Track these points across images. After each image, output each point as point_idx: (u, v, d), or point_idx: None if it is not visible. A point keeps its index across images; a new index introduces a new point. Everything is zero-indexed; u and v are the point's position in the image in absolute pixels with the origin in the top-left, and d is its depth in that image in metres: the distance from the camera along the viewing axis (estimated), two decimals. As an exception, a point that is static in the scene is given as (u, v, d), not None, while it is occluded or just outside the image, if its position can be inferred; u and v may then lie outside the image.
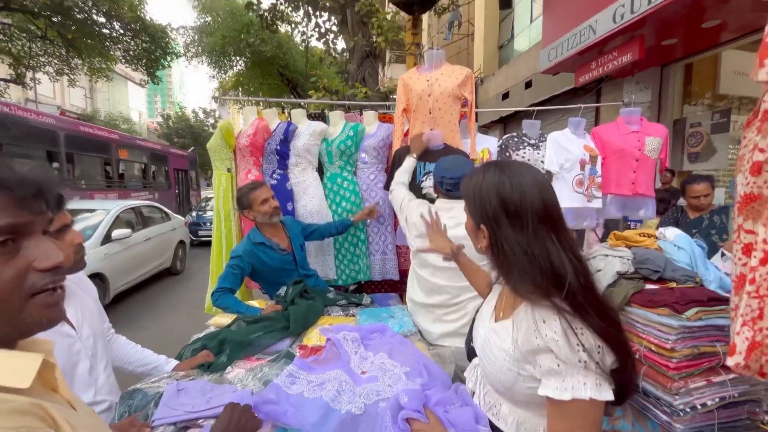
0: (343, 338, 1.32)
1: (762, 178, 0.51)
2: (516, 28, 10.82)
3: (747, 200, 0.52)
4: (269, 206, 1.97)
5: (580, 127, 2.45)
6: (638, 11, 4.77)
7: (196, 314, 4.59)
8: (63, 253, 0.52)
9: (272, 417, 1.01)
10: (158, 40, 13.10)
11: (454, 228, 1.52)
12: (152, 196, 10.63)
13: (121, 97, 30.84)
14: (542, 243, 0.79)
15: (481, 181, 0.86)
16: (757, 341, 0.49)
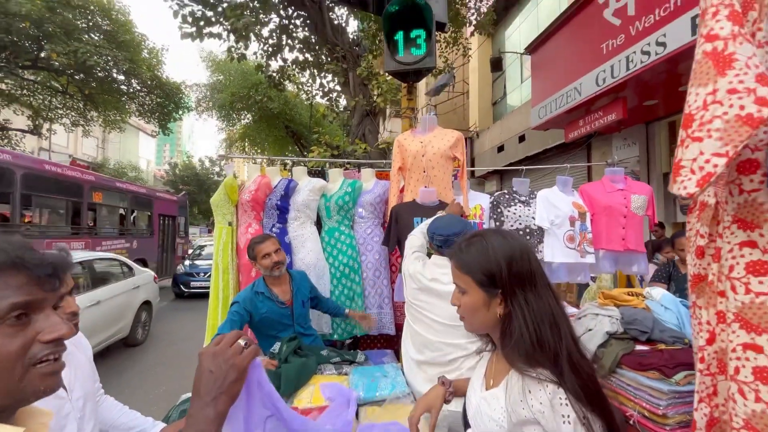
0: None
1: (705, 261, 0.57)
2: (508, 87, 11.56)
3: (696, 280, 0.58)
4: (270, 261, 2.02)
5: (568, 185, 2.57)
6: (618, 76, 5.16)
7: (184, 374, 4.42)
8: (66, 326, 0.56)
9: None
10: (172, 95, 13.95)
11: (448, 284, 1.56)
12: (129, 244, 9.65)
13: (132, 147, 32.06)
14: (548, 307, 0.80)
15: (488, 246, 0.85)
16: (714, 417, 0.52)
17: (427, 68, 2.64)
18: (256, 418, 0.82)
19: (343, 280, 2.58)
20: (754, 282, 0.47)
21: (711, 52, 0.47)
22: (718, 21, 0.50)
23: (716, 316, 0.52)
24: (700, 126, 0.47)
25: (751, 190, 0.50)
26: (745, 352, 0.46)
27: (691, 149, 0.47)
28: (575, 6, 6.14)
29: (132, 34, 12.36)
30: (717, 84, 0.45)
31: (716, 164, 0.45)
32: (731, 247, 0.50)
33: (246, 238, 2.57)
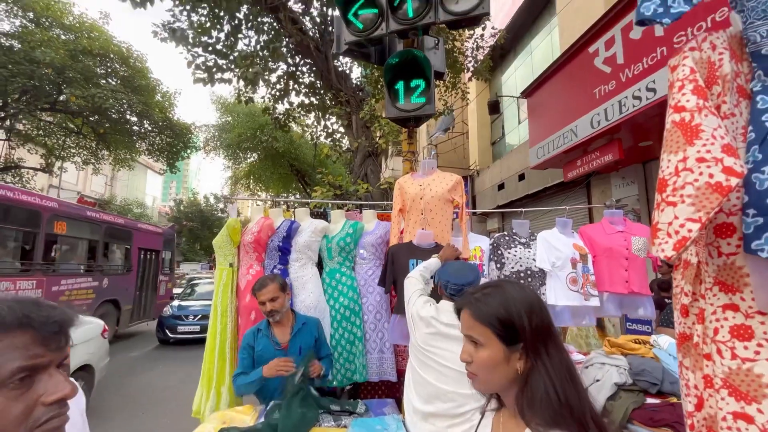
0: None
1: (690, 319, 0.57)
2: (506, 128, 11.93)
3: (682, 339, 0.58)
4: (264, 309, 2.04)
5: (568, 226, 2.59)
6: (612, 119, 5.34)
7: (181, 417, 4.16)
8: (70, 385, 0.55)
9: None
10: (181, 136, 14.46)
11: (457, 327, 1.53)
12: (97, 283, 8.31)
13: (140, 184, 32.73)
14: (565, 361, 0.77)
15: (508, 296, 0.81)
16: None
17: (426, 115, 2.76)
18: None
19: (343, 323, 2.53)
20: (739, 347, 0.48)
21: (679, 122, 0.50)
22: (684, 94, 0.54)
23: (703, 380, 0.51)
24: (674, 191, 0.49)
25: (729, 253, 0.51)
26: (736, 421, 0.46)
27: (667, 213, 0.49)
28: (567, 54, 6.49)
29: (147, 80, 13.03)
30: (686, 152, 0.48)
31: (690, 229, 0.47)
32: (714, 309, 0.51)
33: (247, 279, 2.56)
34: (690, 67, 0.57)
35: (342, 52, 3.16)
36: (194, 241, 29.77)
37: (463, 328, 0.85)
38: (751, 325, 0.47)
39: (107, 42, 12.03)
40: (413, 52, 2.59)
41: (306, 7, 6.41)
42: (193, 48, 6.30)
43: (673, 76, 0.64)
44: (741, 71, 0.61)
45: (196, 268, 26.26)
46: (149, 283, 10.86)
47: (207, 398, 2.41)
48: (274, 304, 2.03)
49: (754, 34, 0.57)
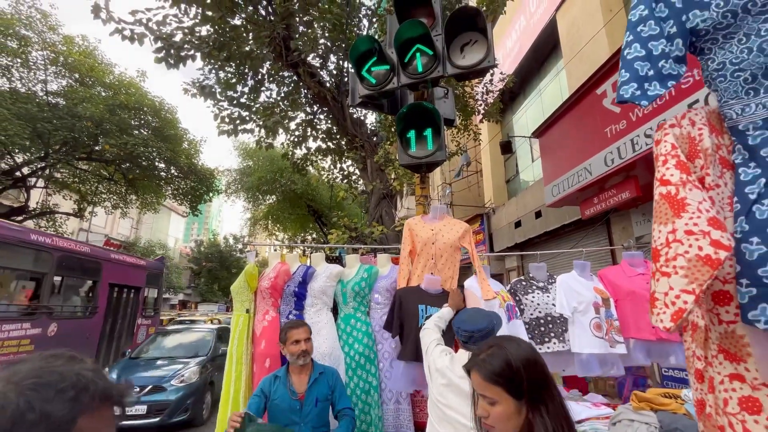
0: None
1: (705, 385, 0.56)
2: (519, 166, 12.03)
3: (700, 406, 0.56)
4: (298, 348, 2.02)
5: (587, 269, 2.53)
6: (625, 157, 5.35)
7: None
8: None
9: None
10: (205, 180, 15.15)
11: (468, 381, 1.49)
12: (40, 330, 6.29)
13: (164, 226, 33.95)
14: (561, 407, 0.86)
15: (509, 355, 0.89)
16: None
17: (437, 162, 2.85)
18: None
19: (358, 371, 2.48)
20: (750, 421, 0.47)
21: (666, 194, 0.53)
22: (668, 168, 0.57)
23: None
24: (666, 261, 0.51)
25: (729, 321, 0.52)
26: None
27: (662, 283, 0.51)
28: (576, 96, 6.65)
29: (176, 129, 13.94)
30: (675, 224, 0.51)
31: (686, 300, 0.48)
32: (722, 378, 0.50)
33: (262, 325, 2.57)
34: (671, 143, 0.61)
35: (357, 104, 3.35)
36: (213, 281, 30.10)
37: (477, 388, 0.92)
38: (759, 398, 0.46)
39: (142, 97, 13.08)
40: (423, 105, 2.73)
41: (323, 61, 6.89)
42: (219, 102, 6.79)
43: (657, 150, 0.67)
44: (722, 143, 0.64)
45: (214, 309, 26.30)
46: (123, 328, 8.56)
47: (220, 451, 2.35)
48: (308, 345, 2.05)
49: (730, 111, 0.61)
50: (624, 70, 0.80)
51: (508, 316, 2.37)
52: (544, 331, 2.31)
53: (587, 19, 8.08)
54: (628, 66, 0.77)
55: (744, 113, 0.56)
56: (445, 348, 1.77)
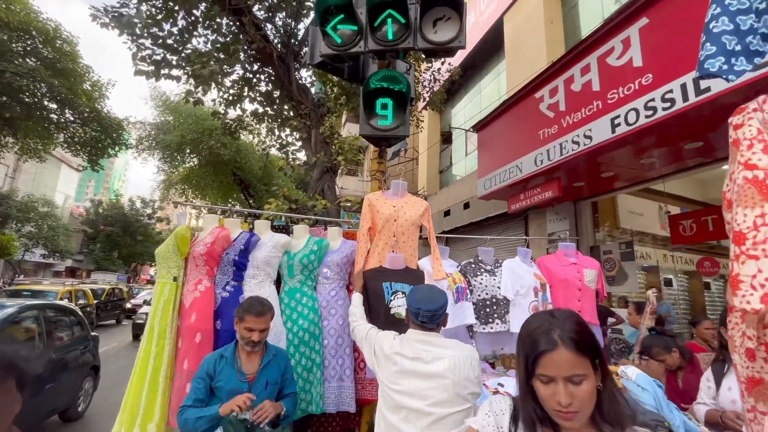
0: None
1: (757, 364, 0.57)
2: (454, 158, 12.56)
3: (752, 383, 0.57)
4: (249, 336, 1.80)
5: (528, 256, 2.70)
6: (553, 160, 5.86)
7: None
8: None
9: None
10: (110, 131, 13.02)
11: (431, 362, 1.45)
12: None
13: (50, 180, 28.65)
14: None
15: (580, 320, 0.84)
16: None
17: (399, 136, 2.76)
18: None
19: (301, 347, 2.33)
20: None
21: (752, 179, 0.51)
22: (754, 153, 0.56)
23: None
24: (754, 245, 0.50)
25: None
26: None
27: (749, 266, 0.50)
28: (516, 97, 7.06)
29: (76, 65, 11.66)
30: (764, 209, 0.49)
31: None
32: None
33: (194, 296, 2.26)
34: (757, 128, 0.60)
35: (315, 63, 3.08)
36: (112, 248, 26.50)
37: (562, 370, 0.77)
38: None
39: (30, 18, 10.62)
40: (396, 73, 2.60)
41: (271, 15, 6.26)
42: (140, 39, 5.78)
43: (737, 133, 0.66)
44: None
45: (112, 278, 23.19)
46: None
47: (129, 437, 2.02)
48: (263, 335, 1.82)
49: None
50: (710, 44, 0.78)
51: (456, 297, 2.42)
52: (489, 312, 2.42)
53: (530, 26, 8.59)
54: (714, 39, 0.75)
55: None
56: (389, 332, 1.71)
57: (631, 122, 4.68)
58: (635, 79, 4.73)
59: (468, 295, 2.41)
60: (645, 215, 7.85)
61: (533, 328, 0.83)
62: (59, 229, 22.32)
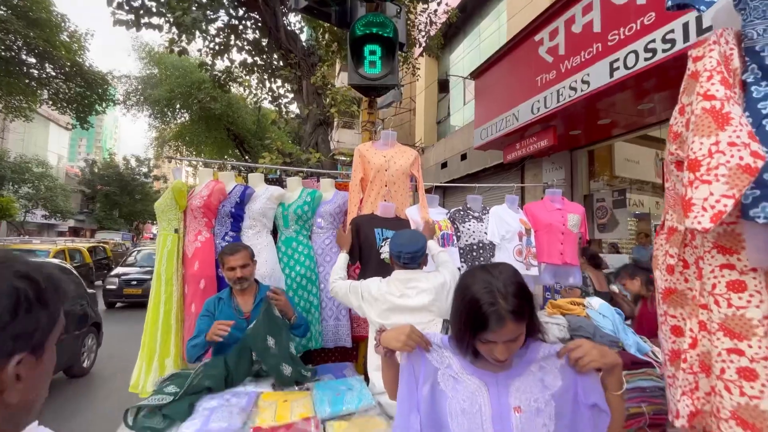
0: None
1: (675, 277, 0.68)
2: (451, 108, 12.25)
3: (668, 293, 0.68)
4: (233, 275, 1.95)
5: (515, 203, 2.80)
6: (550, 107, 5.77)
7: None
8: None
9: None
10: (95, 86, 12.53)
11: (415, 297, 1.60)
12: None
13: (40, 140, 28.03)
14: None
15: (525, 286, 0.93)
16: (697, 408, 0.63)
17: (388, 85, 2.73)
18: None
19: (299, 291, 2.51)
20: (734, 298, 0.58)
21: (710, 109, 0.57)
22: (713, 84, 0.61)
23: (698, 324, 0.62)
24: (708, 171, 0.56)
25: (730, 222, 0.61)
26: (729, 355, 0.57)
27: (701, 190, 0.56)
28: (515, 40, 6.76)
29: (49, 13, 10.95)
30: (718, 137, 0.55)
31: (726, 204, 0.54)
32: (712, 268, 0.61)
33: (195, 246, 2.39)
34: (716, 59, 0.64)
35: (300, 8, 2.96)
36: (111, 207, 26.62)
37: (505, 336, 0.87)
38: (745, 280, 0.58)
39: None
40: (382, 17, 2.51)
41: (253, -48, 5.80)
42: (115, -18, 5.39)
43: (697, 65, 0.70)
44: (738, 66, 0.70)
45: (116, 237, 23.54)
46: None
47: (148, 371, 2.26)
48: (245, 271, 1.96)
49: (752, 31, 0.65)
50: None
51: (442, 243, 2.55)
52: (476, 255, 2.56)
53: (535, -41, 7.97)
54: None
55: (765, 34, 0.61)
56: (373, 278, 1.81)
57: (630, 66, 4.56)
58: (637, 18, 4.53)
59: (454, 242, 2.54)
60: (641, 163, 7.86)
61: (477, 298, 0.89)
62: (57, 189, 22.26)
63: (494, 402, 0.92)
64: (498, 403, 0.92)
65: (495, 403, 0.92)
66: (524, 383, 0.93)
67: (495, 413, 0.91)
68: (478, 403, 0.93)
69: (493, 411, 0.91)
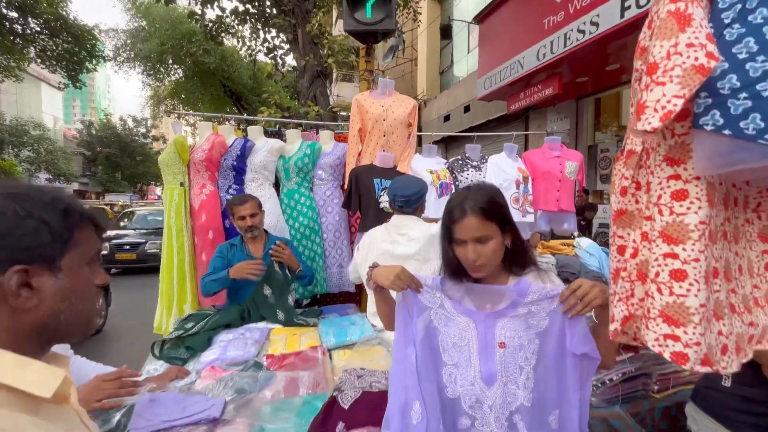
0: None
1: (627, 199, 0.73)
2: (455, 56, 11.72)
3: (618, 214, 0.74)
4: (243, 224, 2.04)
5: (514, 151, 2.81)
6: (557, 52, 5.53)
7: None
8: (108, 276, 0.67)
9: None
10: (83, 41, 12.03)
11: (404, 244, 1.68)
12: None
13: (33, 101, 27.41)
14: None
15: (494, 193, 1.04)
16: (630, 313, 0.71)
17: (386, 30, 2.64)
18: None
19: (303, 241, 2.62)
20: (676, 206, 0.63)
21: (674, 11, 0.58)
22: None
23: (641, 236, 0.68)
24: (664, 72, 0.58)
25: (681, 134, 0.65)
26: (665, 260, 0.63)
27: (655, 92, 0.59)
28: (522, -22, 6.33)
29: (25, -38, 10.27)
30: (678, 38, 0.57)
31: (675, 104, 0.57)
32: (660, 180, 0.66)
33: (201, 199, 2.47)
34: None
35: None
36: (113, 169, 26.62)
37: (470, 233, 0.99)
38: (688, 189, 0.63)
39: None
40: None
41: None
42: None
43: None
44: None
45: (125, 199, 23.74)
46: None
47: (169, 315, 2.45)
48: (254, 220, 2.05)
49: None
50: None
51: (440, 192, 2.61)
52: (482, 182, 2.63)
53: None
54: None
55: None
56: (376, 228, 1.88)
57: (642, 4, 4.31)
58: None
59: (452, 190, 2.59)
60: (648, 111, 7.65)
61: (451, 200, 1.05)
62: (57, 152, 22.15)
63: (481, 338, 1.00)
64: (484, 339, 1.00)
65: (482, 339, 1.00)
66: (510, 322, 0.99)
67: (481, 347, 1.00)
68: (467, 339, 1.01)
69: (480, 345, 1.00)
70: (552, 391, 0.97)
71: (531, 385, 0.96)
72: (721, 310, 0.66)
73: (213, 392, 1.25)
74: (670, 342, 0.62)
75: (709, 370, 0.62)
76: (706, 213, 0.62)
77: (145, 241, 8.30)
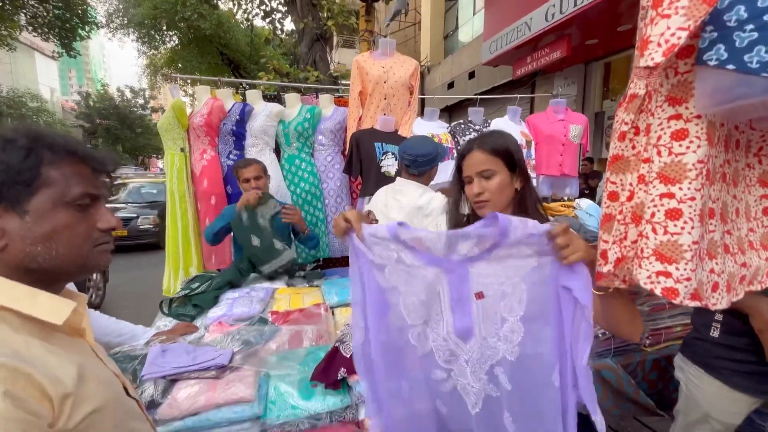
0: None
1: (624, 144, 0.72)
2: (460, 19, 11.25)
3: (614, 159, 0.74)
4: (249, 186, 2.05)
5: (517, 115, 2.76)
6: (566, 12, 5.29)
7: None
8: (115, 219, 0.65)
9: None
10: (74, 6, 11.60)
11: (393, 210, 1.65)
12: None
13: (28, 71, 26.87)
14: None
15: (507, 137, 1.05)
16: (623, 255, 0.72)
17: (387, -14, 2.52)
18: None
19: (305, 206, 2.63)
20: (675, 146, 0.63)
21: None
22: None
23: (638, 179, 0.68)
24: (669, 4, 0.56)
25: (684, 71, 0.63)
26: (662, 200, 0.63)
27: (660, 25, 0.57)
28: (532, -69, 5.95)
29: None
30: None
31: (680, 36, 0.55)
32: (660, 121, 0.65)
33: (201, 165, 2.47)
34: None
35: None
36: (114, 142, 26.42)
37: (475, 167, 1.01)
38: (688, 128, 0.62)
39: None
40: None
41: None
42: None
43: None
44: None
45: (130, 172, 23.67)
46: None
47: (176, 277, 2.51)
48: (259, 183, 2.05)
49: None
50: None
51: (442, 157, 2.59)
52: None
53: None
54: None
55: None
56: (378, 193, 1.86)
57: (658, -43, 4.06)
58: None
59: (454, 155, 2.57)
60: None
61: (463, 145, 1.09)
62: (56, 125, 21.92)
63: (453, 290, 0.84)
64: (458, 291, 0.84)
65: (454, 291, 0.84)
66: (487, 268, 0.82)
67: (454, 301, 0.84)
68: (436, 292, 0.85)
69: (452, 299, 0.84)
70: (545, 344, 0.81)
71: (517, 338, 0.82)
72: (715, 249, 0.66)
73: (221, 344, 1.30)
74: (662, 278, 0.64)
75: (698, 305, 0.64)
76: (704, 152, 0.61)
77: (137, 215, 7.65)
